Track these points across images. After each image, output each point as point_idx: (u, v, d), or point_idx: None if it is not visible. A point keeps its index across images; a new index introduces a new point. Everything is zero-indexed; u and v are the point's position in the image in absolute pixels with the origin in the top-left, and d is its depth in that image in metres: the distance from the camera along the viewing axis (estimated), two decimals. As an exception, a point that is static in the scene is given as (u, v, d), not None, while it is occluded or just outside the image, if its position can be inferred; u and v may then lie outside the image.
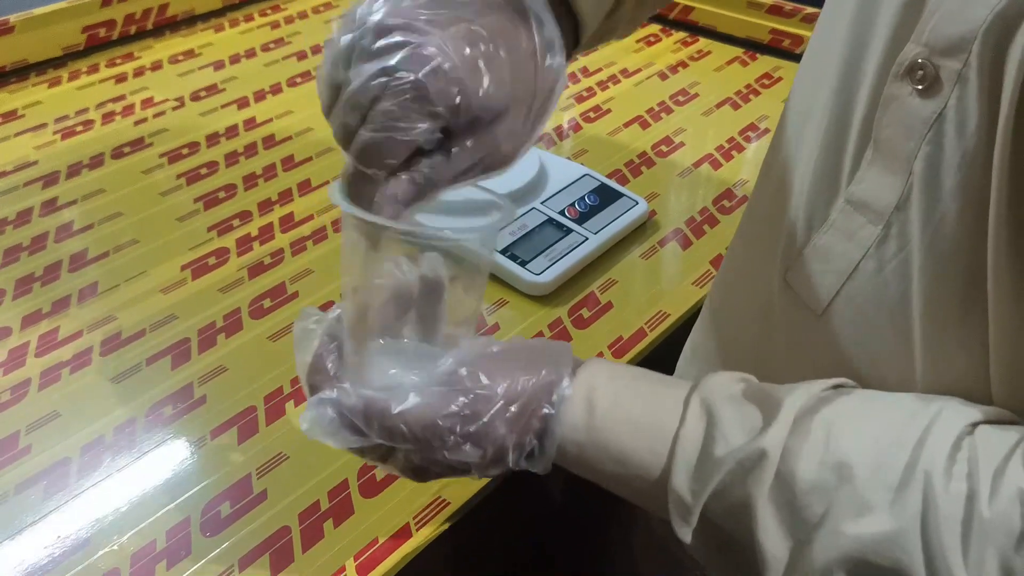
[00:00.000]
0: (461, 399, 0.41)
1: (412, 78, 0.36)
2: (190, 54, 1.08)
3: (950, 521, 0.34)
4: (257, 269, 0.74)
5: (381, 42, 0.36)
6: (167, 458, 0.58)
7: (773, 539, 0.38)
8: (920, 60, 0.37)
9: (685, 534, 0.41)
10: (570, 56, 0.43)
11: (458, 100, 0.36)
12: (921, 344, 0.40)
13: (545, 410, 0.43)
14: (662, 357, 0.66)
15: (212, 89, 1.00)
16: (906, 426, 0.37)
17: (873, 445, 0.37)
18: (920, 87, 0.38)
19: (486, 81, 0.37)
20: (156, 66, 1.05)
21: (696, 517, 0.40)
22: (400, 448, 0.43)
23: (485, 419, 0.41)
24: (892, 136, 0.39)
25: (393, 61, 0.36)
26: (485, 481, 0.55)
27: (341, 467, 0.57)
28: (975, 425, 0.37)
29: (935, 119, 0.37)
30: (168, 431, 0.59)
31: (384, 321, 0.46)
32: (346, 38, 0.37)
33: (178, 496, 0.55)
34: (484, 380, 0.42)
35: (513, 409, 0.42)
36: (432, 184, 0.39)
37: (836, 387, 0.41)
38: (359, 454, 0.45)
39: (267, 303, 0.70)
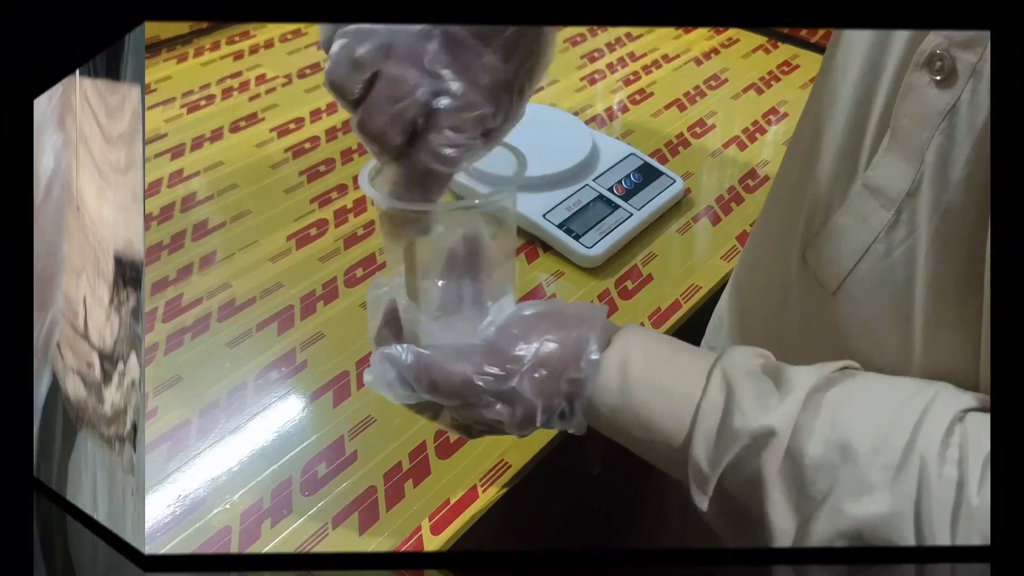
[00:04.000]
0: (495, 360, 0.44)
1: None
2: (298, 33, 1.14)
3: (941, 506, 0.35)
4: (352, 240, 0.79)
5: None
6: (273, 420, 0.64)
7: (781, 514, 0.39)
8: (939, 51, 0.38)
9: (702, 502, 0.42)
10: None
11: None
12: (920, 330, 0.41)
13: (574, 374, 0.44)
14: (696, 326, 0.70)
15: (316, 67, 1.06)
16: (905, 407, 0.38)
17: (874, 425, 0.38)
18: (938, 78, 0.38)
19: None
20: (268, 44, 1.11)
21: (712, 486, 0.42)
22: (446, 406, 0.46)
23: (514, 382, 0.43)
24: (908, 125, 0.40)
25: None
26: (541, 443, 0.59)
27: (420, 429, 0.62)
28: (967, 411, 0.37)
29: (948, 111, 0.38)
30: (274, 394, 0.66)
31: (436, 282, 0.48)
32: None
33: (282, 456, 0.61)
34: (517, 342, 0.44)
35: (543, 371, 0.44)
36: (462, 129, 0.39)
37: (843, 369, 0.42)
38: (416, 411, 0.48)
39: (360, 272, 0.75)
